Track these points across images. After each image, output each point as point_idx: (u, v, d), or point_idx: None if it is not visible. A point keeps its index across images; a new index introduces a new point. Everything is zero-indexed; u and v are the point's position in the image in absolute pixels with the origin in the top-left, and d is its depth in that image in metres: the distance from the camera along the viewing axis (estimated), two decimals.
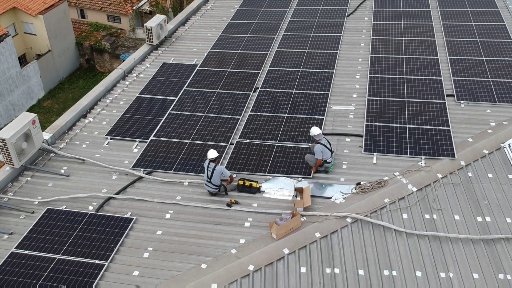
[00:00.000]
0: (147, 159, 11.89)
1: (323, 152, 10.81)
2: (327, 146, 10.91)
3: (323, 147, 10.82)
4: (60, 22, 36.08)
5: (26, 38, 35.99)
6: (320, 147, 10.80)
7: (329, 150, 10.92)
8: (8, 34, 32.01)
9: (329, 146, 10.97)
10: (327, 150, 10.89)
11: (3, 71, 31.46)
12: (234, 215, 10.22)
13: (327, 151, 10.88)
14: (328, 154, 10.91)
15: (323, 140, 10.94)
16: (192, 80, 15.01)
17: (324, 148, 10.83)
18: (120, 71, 15.72)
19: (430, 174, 10.83)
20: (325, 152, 10.84)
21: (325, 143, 10.92)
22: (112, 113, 14.04)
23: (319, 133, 10.95)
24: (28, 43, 36.07)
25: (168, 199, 10.68)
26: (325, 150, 10.83)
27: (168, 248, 9.50)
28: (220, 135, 12.57)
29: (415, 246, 9.33)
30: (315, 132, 10.94)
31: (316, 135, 10.94)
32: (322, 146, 10.81)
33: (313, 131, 10.96)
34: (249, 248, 9.30)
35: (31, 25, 35.60)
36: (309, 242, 9.41)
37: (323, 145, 10.84)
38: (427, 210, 10.05)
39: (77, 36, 37.94)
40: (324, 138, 11.08)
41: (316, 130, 10.94)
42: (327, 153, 10.88)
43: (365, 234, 9.59)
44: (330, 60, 15.47)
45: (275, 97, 13.93)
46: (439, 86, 13.77)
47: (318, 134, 10.94)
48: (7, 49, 31.89)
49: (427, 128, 12.17)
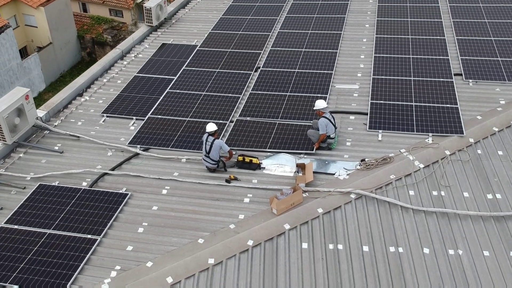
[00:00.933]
0: (144, 136, 11.48)
1: (328, 126, 10.39)
2: (331, 121, 10.50)
3: (328, 121, 10.40)
4: (61, 15, 35.74)
5: (27, 30, 35.68)
6: (325, 121, 10.38)
7: (333, 125, 10.50)
8: (8, 26, 31.65)
9: (333, 121, 10.55)
10: (331, 125, 10.46)
11: (3, 63, 31.12)
12: (233, 191, 9.81)
13: (331, 126, 10.46)
14: (332, 129, 10.49)
15: (327, 114, 10.52)
16: (192, 60, 14.60)
17: (329, 122, 10.40)
18: (118, 51, 15.33)
19: (438, 151, 10.39)
20: (329, 126, 10.41)
21: (329, 117, 10.50)
22: (109, 91, 13.64)
23: (325, 106, 10.53)
24: (29, 36, 35.76)
25: (164, 175, 10.28)
26: (329, 124, 10.41)
27: (164, 223, 9.10)
28: (219, 113, 12.16)
29: (422, 222, 8.90)
30: (321, 104, 10.53)
31: (322, 108, 10.52)
32: (326, 120, 10.39)
33: (318, 104, 10.54)
34: (249, 224, 8.89)
35: (32, 17, 35.29)
36: (311, 217, 8.99)
37: (328, 119, 10.43)
38: (435, 187, 9.62)
39: (79, 29, 37.63)
40: (329, 112, 10.66)
41: (321, 103, 10.54)
42: (331, 128, 10.46)
43: (369, 210, 9.17)
44: (334, 40, 15.04)
45: (277, 76, 13.50)
46: (446, 65, 13.32)
47: (324, 107, 10.52)
48: (8, 40, 31.51)
49: (434, 106, 11.73)
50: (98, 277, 8.06)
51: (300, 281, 7.93)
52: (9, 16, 33.71)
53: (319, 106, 10.54)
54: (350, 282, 7.92)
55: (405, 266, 8.13)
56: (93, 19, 38.54)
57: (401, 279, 7.95)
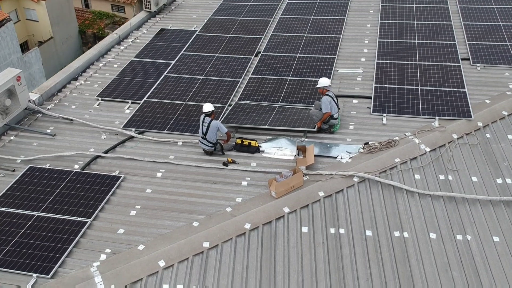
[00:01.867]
0: (139, 119, 11.08)
1: (331, 104, 9.97)
2: (334, 100, 10.09)
3: (331, 99, 10.00)
4: (63, 9, 35.39)
5: (28, 24, 35.34)
6: (328, 98, 9.98)
7: (336, 104, 10.08)
8: (9, 19, 31.24)
9: (336, 101, 10.14)
10: (334, 104, 10.05)
11: (4, 57, 30.75)
12: (230, 174, 9.40)
13: (334, 105, 10.06)
14: (335, 108, 10.07)
15: (330, 93, 10.14)
16: (191, 45, 14.19)
17: (332, 101, 9.99)
18: (116, 36, 14.92)
19: (445, 135, 9.95)
20: (332, 105, 10.01)
21: (332, 96, 10.10)
22: (104, 76, 13.24)
23: (329, 84, 10.17)
24: (30, 30, 35.42)
25: (160, 158, 9.87)
26: (332, 103, 10.00)
27: (158, 206, 8.69)
28: (218, 96, 11.75)
29: (428, 207, 8.46)
30: (325, 82, 10.15)
31: (325, 85, 10.14)
32: (330, 98, 10.00)
33: (322, 81, 10.18)
34: (246, 207, 8.47)
35: (33, 11, 34.96)
36: (311, 201, 8.56)
37: (331, 97, 10.02)
38: (442, 171, 9.18)
39: (80, 24, 37.28)
40: (331, 92, 10.27)
41: (325, 81, 10.17)
42: (334, 107, 10.05)
43: (373, 194, 8.74)
44: (337, 25, 14.60)
45: (278, 60, 13.08)
46: (453, 50, 12.87)
47: (328, 85, 10.16)
48: (8, 34, 31.08)
49: (440, 90, 11.29)
50: (87, 260, 7.66)
51: (300, 266, 7.50)
52: (10, 10, 33.36)
53: (323, 83, 10.15)
54: (352, 267, 7.50)
55: (410, 252, 7.70)
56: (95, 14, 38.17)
57: (406, 264, 7.53)
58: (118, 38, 14.92)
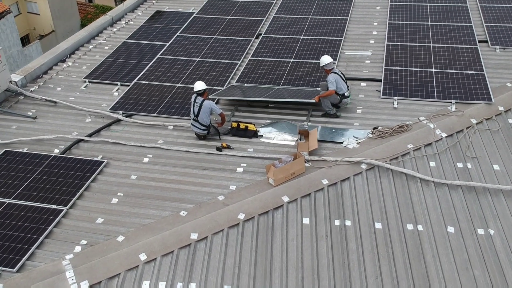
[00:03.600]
0: (128, 102, 10.19)
1: (337, 82, 9.09)
2: (342, 77, 9.22)
3: (338, 76, 9.14)
4: (64, 2, 34.69)
5: (29, 18, 34.66)
6: (334, 75, 9.12)
7: (344, 82, 9.22)
8: (9, 11, 30.49)
9: (344, 78, 9.30)
10: (342, 81, 9.18)
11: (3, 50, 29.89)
12: (224, 160, 8.49)
13: (343, 82, 9.17)
14: (344, 86, 9.19)
15: (336, 70, 9.27)
16: (187, 27, 13.29)
17: (339, 78, 9.12)
18: (109, 17, 14.05)
19: (463, 119, 9.00)
20: (340, 82, 9.12)
21: (339, 73, 9.25)
22: (94, 57, 12.37)
23: (329, 62, 9.28)
24: (31, 23, 34.74)
25: (147, 143, 8.98)
26: (339, 80, 9.12)
27: (142, 193, 7.80)
28: (214, 79, 10.84)
29: (445, 197, 7.52)
30: (326, 59, 9.28)
31: (326, 63, 9.27)
32: (336, 75, 9.14)
33: (323, 60, 9.30)
34: (240, 195, 7.56)
35: (34, 4, 34.29)
36: (314, 189, 7.64)
37: (338, 74, 9.16)
38: (460, 158, 8.23)
39: (83, 18, 36.55)
40: (337, 69, 9.38)
41: (326, 58, 9.28)
42: (343, 85, 9.16)
43: (383, 182, 7.80)
44: (345, 7, 13.66)
45: (280, 43, 12.16)
46: (470, 32, 11.90)
47: (329, 63, 9.28)
48: (8, 26, 30.32)
49: (457, 72, 10.33)
50: (60, 253, 6.79)
51: (300, 261, 6.59)
52: (11, 3, 32.68)
53: (325, 61, 9.28)
54: (360, 264, 6.57)
55: (425, 247, 6.77)
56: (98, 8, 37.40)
57: (420, 261, 6.60)
58: (111, 20, 14.04)
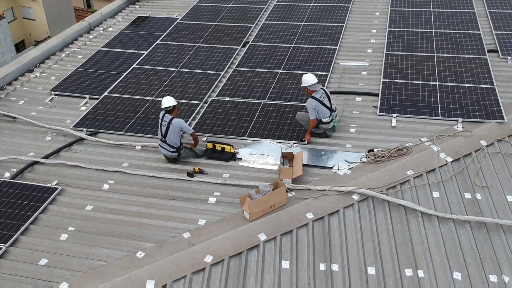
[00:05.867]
0: (95, 118, 9.12)
1: (318, 108, 7.89)
2: (323, 102, 7.98)
3: (317, 102, 7.90)
4: (61, 8, 33.86)
5: (25, 23, 33.86)
6: (313, 102, 7.89)
7: (326, 106, 8.00)
8: (2, 17, 29.64)
9: (327, 102, 8.05)
10: (323, 106, 7.95)
11: None
12: (195, 188, 7.38)
13: (322, 108, 7.94)
14: (324, 112, 7.97)
15: (319, 93, 8.02)
16: (169, 34, 12.23)
17: (318, 104, 7.89)
18: (85, 23, 13.01)
19: (471, 141, 7.87)
20: (320, 109, 7.91)
21: (320, 96, 7.99)
22: (65, 67, 11.32)
23: (311, 83, 7.99)
24: (27, 29, 33.93)
25: (110, 166, 7.89)
26: (319, 106, 7.90)
27: (96, 228, 6.69)
28: (193, 92, 9.76)
29: (451, 236, 6.37)
30: (308, 79, 8.02)
31: (308, 85, 8.02)
32: (315, 101, 7.90)
33: (305, 79, 8.05)
34: (210, 232, 6.44)
35: (30, 9, 33.50)
36: (296, 225, 6.51)
37: (317, 99, 7.94)
38: (468, 188, 7.09)
39: None
40: (323, 89, 8.14)
41: (309, 77, 8.03)
42: (322, 111, 7.95)
43: (378, 217, 6.67)
44: (340, 13, 12.58)
45: (269, 51, 11.07)
46: (478, 40, 10.78)
47: (311, 85, 8.00)
48: (2, 32, 29.45)
49: (464, 86, 9.21)
50: None
51: None
52: (6, 8, 31.90)
53: (306, 82, 8.03)
54: None
55: None
56: None
57: None
58: (88, 26, 13.00)
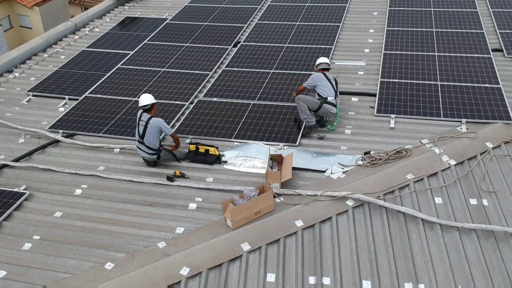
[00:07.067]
0: (73, 119, 8.53)
1: (321, 82, 7.72)
2: (331, 81, 7.78)
3: (324, 77, 7.77)
4: (58, 16, 33.44)
5: (21, 32, 33.46)
6: (320, 75, 7.82)
7: (332, 87, 7.75)
8: None
9: (334, 84, 7.81)
10: (329, 84, 7.72)
11: None
12: (175, 193, 6.76)
13: (328, 85, 7.72)
14: (329, 90, 7.69)
15: (328, 73, 7.92)
16: (157, 34, 11.69)
17: (324, 79, 7.74)
18: (71, 24, 12.48)
19: (476, 143, 7.26)
20: (323, 84, 7.70)
21: (328, 76, 7.84)
22: (46, 68, 10.76)
23: (321, 62, 8.03)
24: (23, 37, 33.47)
25: (85, 170, 7.28)
26: (324, 81, 7.73)
27: (64, 237, 6.06)
28: (179, 92, 9.18)
29: (455, 246, 5.74)
30: (319, 60, 8.12)
31: (318, 63, 8.07)
32: (322, 75, 7.81)
33: (319, 60, 8.11)
34: (187, 241, 5.81)
35: (26, 17, 33.14)
36: (284, 234, 5.88)
37: (324, 75, 7.81)
38: (473, 193, 6.47)
39: None
40: (331, 75, 7.98)
41: (322, 59, 8.09)
42: (328, 89, 7.68)
43: (375, 225, 6.04)
44: (337, 13, 12.03)
45: (261, 51, 10.51)
46: (481, 39, 10.22)
47: (319, 63, 8.04)
48: None
49: (467, 85, 8.63)
50: None
51: None
52: (3, 16, 31.55)
53: (319, 61, 8.13)
54: None
55: None
56: None
57: None
58: (73, 26, 12.47)
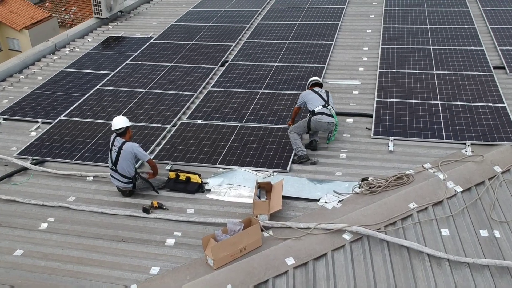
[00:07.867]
0: (44, 144, 7.85)
1: (308, 97, 7.21)
2: (319, 92, 7.23)
3: (312, 92, 7.25)
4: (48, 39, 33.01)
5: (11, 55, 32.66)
6: (308, 91, 7.34)
7: (322, 98, 7.17)
8: None
9: (324, 96, 7.22)
10: (318, 97, 7.15)
11: None
12: (151, 227, 6.05)
13: (317, 98, 7.14)
14: (316, 102, 7.11)
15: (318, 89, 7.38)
16: (141, 53, 11.10)
17: (312, 93, 7.22)
18: (50, 44, 11.89)
19: (483, 167, 6.63)
20: (311, 97, 7.18)
21: (318, 90, 7.32)
22: (21, 89, 10.10)
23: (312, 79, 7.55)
24: None
25: (53, 200, 6.58)
26: (312, 95, 7.20)
27: (22, 279, 5.31)
28: (161, 114, 8.54)
29: (467, 284, 5.07)
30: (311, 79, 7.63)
31: (310, 81, 7.59)
32: (309, 91, 7.33)
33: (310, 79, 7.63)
34: (162, 284, 5.09)
35: (16, 40, 32.51)
36: (273, 274, 5.18)
37: (313, 90, 7.31)
38: (483, 223, 5.82)
39: None
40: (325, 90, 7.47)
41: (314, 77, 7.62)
42: (315, 101, 7.12)
43: (375, 261, 5.35)
44: (329, 31, 11.51)
45: (249, 70, 9.94)
46: (482, 57, 9.70)
47: (311, 81, 7.56)
48: None
49: (470, 105, 8.05)
50: None
51: None
52: None
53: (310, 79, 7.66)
54: None
55: None
56: None
57: None
58: (53, 46, 11.88)
